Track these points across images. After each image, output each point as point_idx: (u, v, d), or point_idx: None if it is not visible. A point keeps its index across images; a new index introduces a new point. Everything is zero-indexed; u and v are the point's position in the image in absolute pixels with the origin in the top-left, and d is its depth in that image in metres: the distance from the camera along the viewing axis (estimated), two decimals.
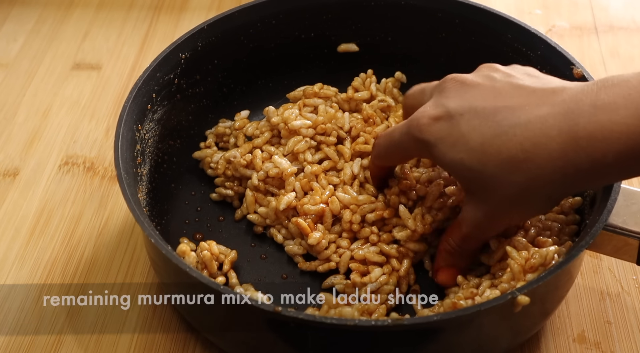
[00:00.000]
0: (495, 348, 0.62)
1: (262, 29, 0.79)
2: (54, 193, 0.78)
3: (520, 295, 0.54)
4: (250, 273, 0.69)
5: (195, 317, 0.64)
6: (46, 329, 0.67)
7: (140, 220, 0.59)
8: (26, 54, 0.94)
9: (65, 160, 0.82)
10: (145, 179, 0.70)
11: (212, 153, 0.76)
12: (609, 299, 0.69)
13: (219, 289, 0.55)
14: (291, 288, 0.68)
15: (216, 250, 0.67)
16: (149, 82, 0.70)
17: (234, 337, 0.62)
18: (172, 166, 0.75)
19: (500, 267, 0.64)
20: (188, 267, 0.57)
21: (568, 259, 0.57)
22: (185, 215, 0.74)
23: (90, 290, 0.70)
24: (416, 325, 0.55)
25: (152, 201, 0.71)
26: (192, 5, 1.01)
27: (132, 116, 0.68)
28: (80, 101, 0.88)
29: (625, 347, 0.66)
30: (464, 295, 0.62)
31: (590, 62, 0.72)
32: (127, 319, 0.68)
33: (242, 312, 0.57)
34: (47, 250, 0.73)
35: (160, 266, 0.64)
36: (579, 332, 0.67)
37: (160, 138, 0.73)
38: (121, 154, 0.64)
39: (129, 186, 0.62)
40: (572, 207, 0.68)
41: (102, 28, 0.98)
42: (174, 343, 0.66)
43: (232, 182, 0.74)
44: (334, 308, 0.62)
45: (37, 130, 0.85)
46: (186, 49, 0.74)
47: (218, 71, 0.78)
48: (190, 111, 0.77)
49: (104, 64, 0.93)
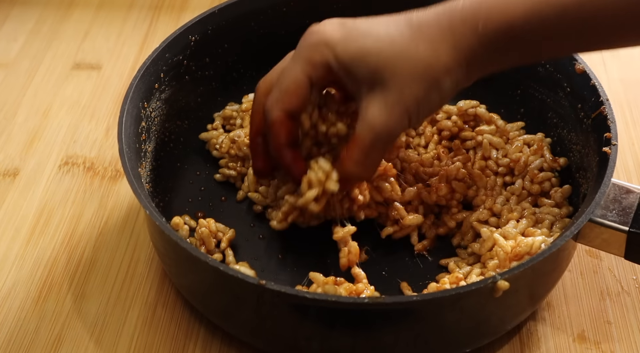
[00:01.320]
0: (484, 331, 0.63)
1: (272, 16, 0.81)
2: (54, 193, 0.79)
3: (501, 280, 0.56)
4: (247, 252, 0.71)
5: (193, 296, 0.66)
6: (46, 329, 0.67)
7: (137, 191, 0.62)
8: (26, 53, 0.95)
9: (65, 160, 0.82)
10: (150, 156, 0.72)
11: (218, 135, 0.78)
12: (609, 299, 0.69)
13: (207, 261, 0.57)
14: (287, 268, 0.69)
15: (214, 227, 0.70)
16: (157, 61, 0.73)
17: (233, 317, 0.64)
18: (179, 146, 0.77)
19: (489, 256, 0.66)
20: (179, 238, 0.59)
21: (551, 248, 0.58)
22: (189, 194, 0.76)
23: (90, 289, 0.70)
24: (396, 304, 0.57)
25: (156, 178, 0.73)
26: (192, 5, 1.01)
27: (138, 93, 0.70)
28: (80, 101, 0.88)
29: (625, 347, 0.66)
30: (450, 280, 0.64)
31: (590, 62, 0.72)
32: (127, 319, 0.68)
33: (231, 286, 0.59)
34: (47, 250, 0.73)
35: (157, 239, 0.67)
36: (579, 332, 0.67)
37: (168, 117, 0.75)
38: (125, 129, 0.66)
39: (129, 160, 0.64)
40: (564, 196, 0.70)
41: (102, 28, 0.98)
42: (174, 342, 0.66)
43: (236, 163, 0.76)
44: (321, 286, 0.64)
45: (37, 130, 0.85)
46: (196, 32, 0.76)
47: (228, 55, 0.80)
48: (198, 93, 0.79)
49: (104, 64, 0.93)
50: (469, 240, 0.70)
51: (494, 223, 0.70)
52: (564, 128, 0.74)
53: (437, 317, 0.59)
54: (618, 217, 0.62)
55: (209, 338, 0.67)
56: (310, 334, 0.61)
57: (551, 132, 0.76)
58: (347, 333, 0.60)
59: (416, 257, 0.70)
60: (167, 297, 0.70)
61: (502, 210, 0.70)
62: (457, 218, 0.71)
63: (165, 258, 0.67)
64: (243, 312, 0.62)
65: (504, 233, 0.66)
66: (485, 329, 0.63)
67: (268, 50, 0.81)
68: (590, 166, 0.68)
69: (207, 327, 0.67)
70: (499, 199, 0.71)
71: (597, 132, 0.67)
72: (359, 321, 0.59)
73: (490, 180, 0.73)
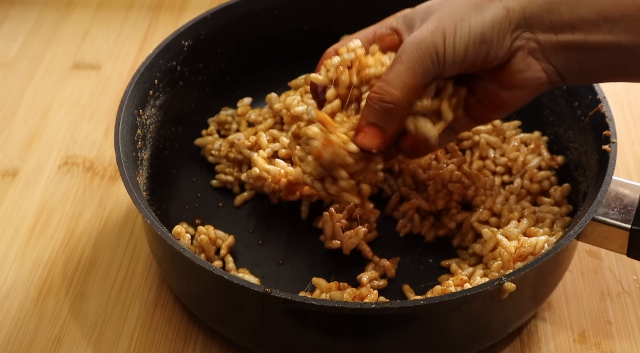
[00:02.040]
0: (487, 334, 0.63)
1: (265, 19, 0.80)
2: (54, 194, 0.78)
3: (507, 281, 0.56)
4: (247, 258, 0.71)
5: (193, 302, 0.66)
6: (45, 330, 0.67)
7: (138, 201, 0.61)
8: (25, 53, 0.95)
9: (65, 160, 0.82)
10: (146, 164, 0.72)
11: (213, 140, 0.78)
12: (610, 299, 0.69)
13: (211, 270, 0.57)
14: (287, 274, 0.69)
15: (213, 234, 0.69)
16: (151, 68, 0.72)
17: (234, 323, 0.64)
18: (174, 152, 0.77)
19: (492, 256, 0.66)
20: (182, 247, 0.59)
21: (556, 248, 0.59)
22: (186, 200, 0.75)
23: (89, 289, 0.70)
24: (403, 309, 0.56)
25: (152, 186, 0.72)
26: (192, 5, 1.01)
27: (133, 101, 0.70)
28: (80, 101, 0.88)
29: (625, 347, 0.66)
30: (455, 282, 0.63)
31: None
32: (126, 319, 0.68)
33: (235, 293, 0.59)
34: (47, 250, 0.73)
35: (157, 248, 0.66)
36: (579, 332, 0.67)
37: (162, 124, 0.75)
38: (121, 137, 0.66)
39: (127, 169, 0.64)
40: (563, 195, 0.70)
41: (101, 28, 0.98)
42: (173, 343, 0.66)
43: (232, 168, 0.76)
44: (326, 292, 0.64)
45: (37, 130, 0.85)
46: (189, 36, 0.76)
47: (221, 60, 0.80)
48: (192, 99, 0.79)
49: (103, 64, 0.93)
50: (469, 241, 0.70)
51: (494, 223, 0.70)
52: (560, 126, 0.74)
53: (443, 320, 0.59)
54: (620, 215, 0.62)
55: (208, 340, 0.66)
56: (314, 340, 0.61)
57: (547, 131, 0.76)
58: (351, 339, 0.60)
59: (417, 259, 0.70)
60: (166, 298, 0.70)
61: (502, 210, 0.70)
62: (456, 220, 0.71)
63: (165, 265, 0.67)
64: (245, 318, 0.62)
65: (506, 234, 0.66)
66: (488, 331, 0.63)
67: (261, 54, 0.82)
68: (590, 164, 0.68)
69: (206, 329, 0.67)
70: (498, 199, 0.71)
71: (596, 130, 0.67)
72: (364, 326, 0.59)
73: (489, 180, 0.73)
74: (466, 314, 0.59)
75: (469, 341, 0.62)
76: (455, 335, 0.61)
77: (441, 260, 0.69)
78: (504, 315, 0.62)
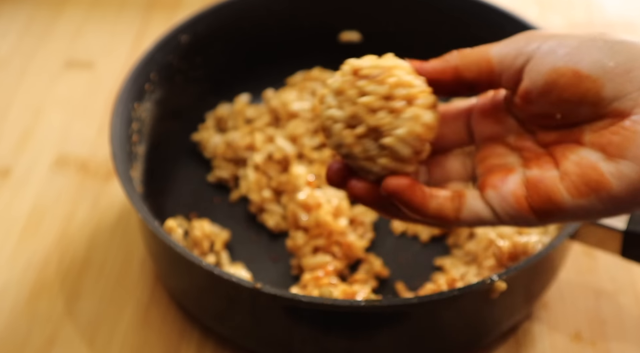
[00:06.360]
0: (479, 333, 0.64)
1: (264, 15, 0.81)
2: (46, 193, 0.78)
3: (498, 281, 0.57)
4: (241, 254, 0.71)
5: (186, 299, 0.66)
6: (38, 330, 0.67)
7: (130, 194, 0.62)
8: (17, 51, 0.94)
9: (58, 159, 0.82)
10: (142, 158, 0.72)
11: (210, 136, 0.78)
12: (604, 299, 0.69)
13: (201, 264, 0.58)
14: (281, 270, 0.70)
15: (207, 229, 0.70)
16: (148, 62, 0.73)
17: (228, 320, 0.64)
18: (170, 147, 0.77)
19: (485, 255, 0.66)
20: (172, 241, 0.59)
21: (548, 248, 0.59)
22: (181, 195, 0.76)
23: (83, 289, 0.70)
24: (393, 306, 0.57)
25: (148, 180, 0.73)
26: (186, 3, 1.01)
27: (129, 95, 0.70)
28: (73, 99, 0.88)
29: (620, 346, 0.66)
30: (446, 281, 0.64)
31: None
32: (121, 318, 0.68)
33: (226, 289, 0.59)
34: (40, 250, 0.73)
35: (149, 242, 0.67)
36: (574, 332, 0.67)
37: (159, 119, 0.75)
38: (116, 131, 0.67)
39: (121, 162, 0.64)
40: None
41: (94, 25, 0.98)
42: (168, 342, 0.66)
43: (229, 164, 0.76)
44: (318, 288, 0.64)
45: (29, 129, 0.85)
46: (187, 32, 0.76)
47: (219, 55, 0.80)
48: (190, 94, 0.79)
49: (96, 62, 0.93)
50: (464, 240, 0.70)
51: None
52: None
53: (433, 319, 0.60)
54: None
55: (203, 339, 0.67)
56: (305, 337, 0.61)
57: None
58: (342, 336, 0.60)
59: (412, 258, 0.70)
60: (160, 297, 0.70)
61: None
62: None
63: (157, 260, 0.67)
64: (238, 315, 0.63)
65: (499, 233, 0.66)
66: (480, 330, 0.63)
67: (260, 50, 0.82)
68: None
69: (201, 328, 0.67)
70: None
71: None
72: (354, 323, 0.59)
73: None
74: (457, 313, 0.60)
75: (460, 339, 0.63)
76: (446, 333, 0.62)
77: (435, 259, 0.70)
78: (496, 314, 0.62)
